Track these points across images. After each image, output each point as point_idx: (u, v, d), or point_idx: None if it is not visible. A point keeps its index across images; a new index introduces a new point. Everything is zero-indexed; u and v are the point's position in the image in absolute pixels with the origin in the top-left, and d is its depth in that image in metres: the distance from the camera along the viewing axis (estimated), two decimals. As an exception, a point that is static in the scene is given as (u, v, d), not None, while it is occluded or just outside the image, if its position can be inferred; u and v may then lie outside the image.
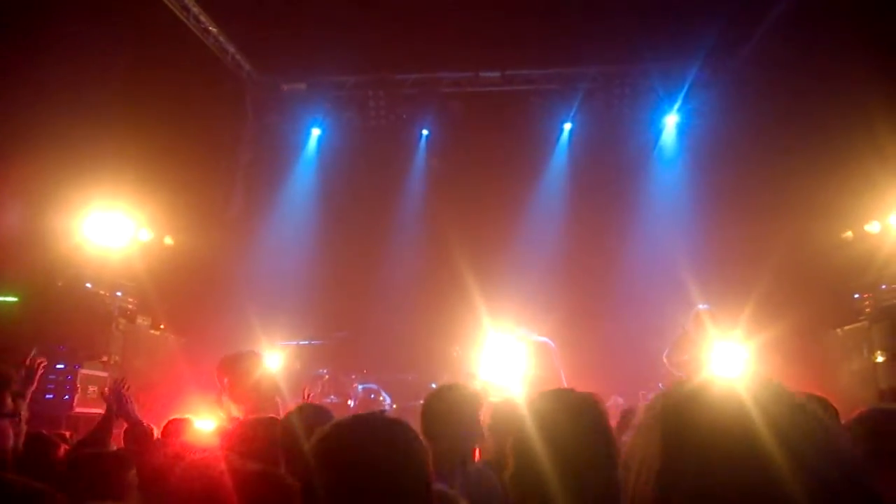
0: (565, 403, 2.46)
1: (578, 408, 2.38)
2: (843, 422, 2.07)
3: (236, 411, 5.60)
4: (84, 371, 7.72)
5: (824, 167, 8.77)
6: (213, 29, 10.96)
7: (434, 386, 10.40)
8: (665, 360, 8.86)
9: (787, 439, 0.83)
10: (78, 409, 7.58)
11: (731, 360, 7.21)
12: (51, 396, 7.36)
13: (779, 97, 10.15)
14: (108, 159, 8.15)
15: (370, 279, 11.69)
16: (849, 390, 8.20)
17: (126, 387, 4.99)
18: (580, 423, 2.20)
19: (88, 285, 8.46)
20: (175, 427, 4.61)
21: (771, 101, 10.34)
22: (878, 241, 8.84)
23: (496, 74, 12.00)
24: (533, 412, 2.56)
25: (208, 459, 2.34)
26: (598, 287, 11.18)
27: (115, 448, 4.28)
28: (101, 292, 8.59)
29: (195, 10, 10.38)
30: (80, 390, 7.56)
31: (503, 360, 8.39)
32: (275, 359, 8.69)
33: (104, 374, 8.03)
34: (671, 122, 12.07)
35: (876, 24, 8.05)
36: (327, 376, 10.02)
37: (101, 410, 7.76)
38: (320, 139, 12.86)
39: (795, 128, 9.62)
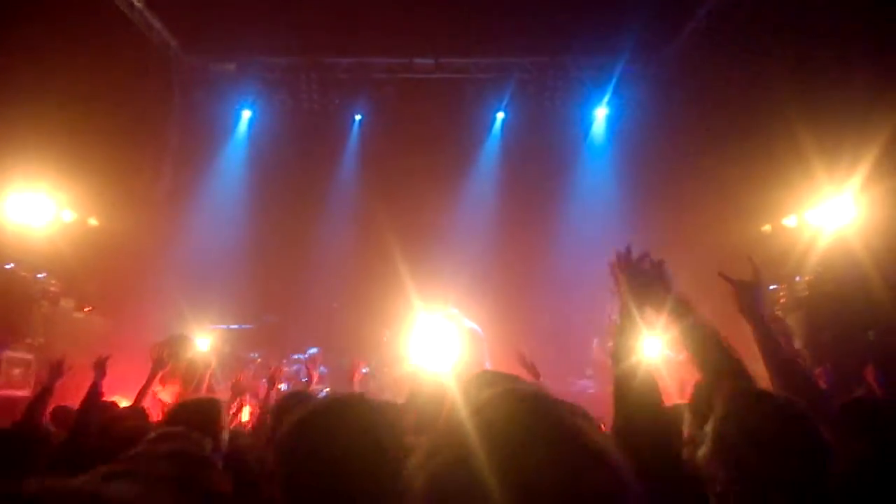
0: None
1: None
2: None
3: (167, 395, 5.60)
4: (8, 353, 7.48)
5: (745, 162, 9.10)
6: (137, 3, 10.62)
7: (365, 371, 10.56)
8: (594, 347, 9.25)
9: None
10: (2, 392, 7.34)
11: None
12: (-28, 379, 7.10)
13: (704, 93, 10.54)
14: (27, 138, 7.82)
15: (301, 263, 11.64)
16: (767, 377, 8.65)
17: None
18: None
19: (9, 266, 8.15)
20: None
21: (696, 96, 10.74)
22: (795, 235, 9.16)
23: (430, 61, 12.08)
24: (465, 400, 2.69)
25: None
26: (528, 274, 11.44)
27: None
28: (23, 274, 8.29)
29: (120, -18, 10.04)
30: (4, 372, 7.32)
31: (433, 343, 8.55)
32: (204, 343, 8.60)
33: (29, 357, 7.79)
34: (601, 114, 12.46)
35: (795, 26, 8.45)
36: (259, 360, 9.97)
37: (26, 393, 7.56)
38: (251, 121, 12.67)
39: (718, 123, 9.98)
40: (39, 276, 8.50)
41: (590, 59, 11.78)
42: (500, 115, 12.58)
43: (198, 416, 3.24)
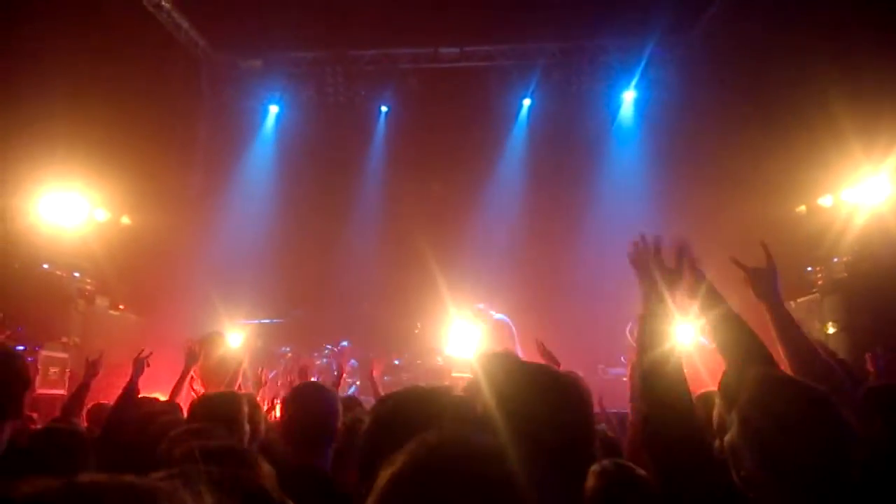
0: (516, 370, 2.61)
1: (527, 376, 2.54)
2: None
3: (201, 391, 5.67)
4: (45, 352, 7.65)
5: (779, 142, 8.90)
6: (165, 4, 10.73)
7: (397, 362, 10.59)
8: (628, 335, 9.12)
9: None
10: (39, 391, 7.51)
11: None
12: (11, 379, 7.26)
13: (734, 72, 10.29)
14: (60, 138, 7.96)
15: (331, 257, 11.68)
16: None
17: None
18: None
19: (45, 266, 8.33)
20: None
21: (727, 76, 10.48)
22: (831, 215, 8.97)
23: (455, 50, 12.00)
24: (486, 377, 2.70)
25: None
26: (558, 263, 11.33)
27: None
28: (59, 273, 8.46)
29: (147, -16, 10.16)
30: (41, 371, 7.49)
31: (465, 336, 8.53)
32: (236, 338, 8.70)
33: (65, 356, 7.96)
34: (629, 97, 12.23)
35: (827, 4, 8.20)
36: (290, 354, 10.05)
37: (62, 391, 7.74)
38: (278, 116, 12.75)
39: (750, 103, 9.74)
40: (75, 275, 8.67)
41: (616, 43, 11.57)
42: (527, 102, 12.44)
43: (221, 410, 3.25)
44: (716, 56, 10.89)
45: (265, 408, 6.70)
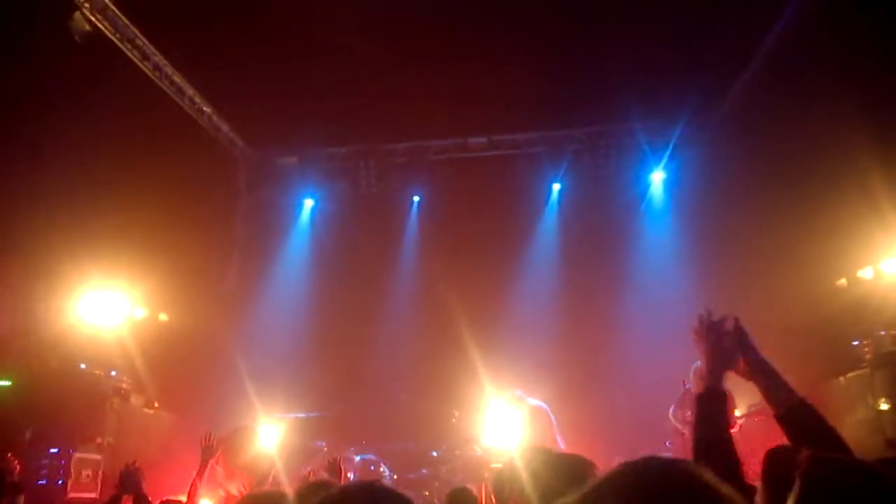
0: (558, 465, 2.52)
1: (570, 469, 2.44)
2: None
3: (233, 489, 5.52)
4: (78, 455, 7.62)
5: (814, 215, 8.76)
6: (206, 109, 11.26)
7: (435, 454, 10.31)
8: (671, 417, 8.76)
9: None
10: (72, 495, 7.44)
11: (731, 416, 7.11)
12: (43, 482, 7.24)
13: (764, 148, 10.25)
14: (102, 238, 8.23)
15: (366, 348, 11.63)
16: (855, 440, 7.97)
17: (134, 463, 5.09)
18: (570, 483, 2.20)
19: (83, 366, 8.42)
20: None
21: (757, 152, 10.44)
22: (872, 287, 8.72)
23: (483, 140, 12.26)
24: (529, 473, 2.60)
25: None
26: (595, 346, 11.10)
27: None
28: (96, 372, 8.54)
29: (190, 91, 10.69)
30: (73, 475, 7.44)
31: (504, 424, 8.30)
32: (272, 432, 8.59)
33: (98, 458, 7.92)
34: (658, 178, 12.26)
35: (858, 71, 8.18)
36: (325, 449, 9.86)
37: (94, 495, 7.65)
38: (313, 210, 13.04)
39: (782, 177, 9.66)
40: (112, 373, 8.74)
41: (643, 125, 11.68)
42: (557, 187, 12.54)
43: None
44: (745, 132, 10.89)
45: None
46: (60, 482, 7.36)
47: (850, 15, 8.01)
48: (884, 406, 7.83)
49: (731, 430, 2.23)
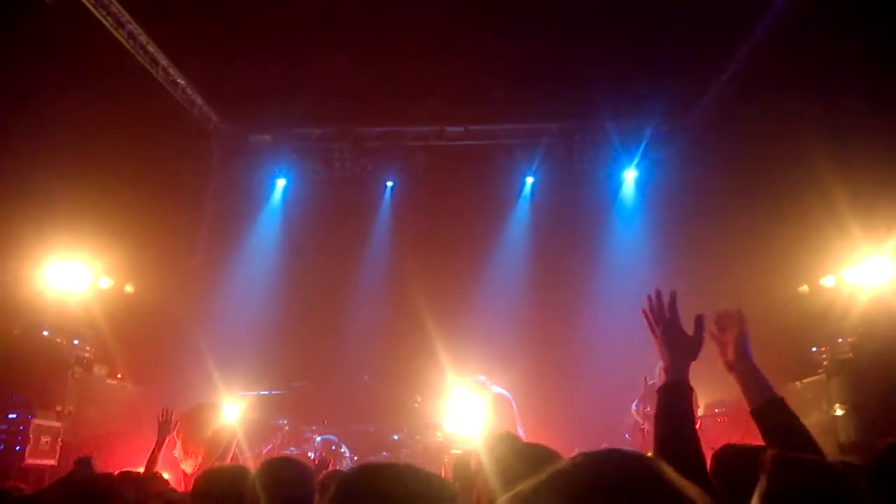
0: (523, 452, 2.53)
1: (534, 457, 2.43)
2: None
3: (189, 466, 5.53)
4: (37, 421, 7.54)
5: (779, 222, 8.98)
6: (181, 81, 11.10)
7: (396, 438, 10.42)
8: (633, 411, 8.95)
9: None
10: (29, 461, 7.37)
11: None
12: (1, 447, 7.16)
13: (734, 153, 10.47)
14: (71, 206, 8.11)
15: (332, 329, 11.64)
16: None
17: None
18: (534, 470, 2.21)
19: (45, 333, 8.31)
20: (127, 479, 4.57)
21: (726, 156, 10.66)
22: (833, 296, 8.96)
23: (460, 129, 12.29)
24: (494, 460, 2.61)
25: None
26: (560, 338, 11.26)
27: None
28: (59, 340, 8.43)
29: (164, 62, 10.53)
30: (32, 441, 7.37)
31: (466, 411, 8.40)
32: (233, 409, 8.59)
33: (58, 425, 7.84)
34: (630, 176, 12.45)
35: (824, 85, 8.41)
36: (287, 427, 9.89)
37: (52, 462, 7.59)
38: (285, 189, 12.97)
39: (750, 183, 9.88)
40: (74, 342, 8.64)
41: (617, 123, 11.83)
42: (530, 180, 12.66)
43: (227, 486, 3.16)
44: (715, 137, 11.14)
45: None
46: (18, 448, 7.28)
47: (823, 33, 8.24)
48: (839, 411, 8.06)
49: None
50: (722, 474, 2.46)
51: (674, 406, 2.12)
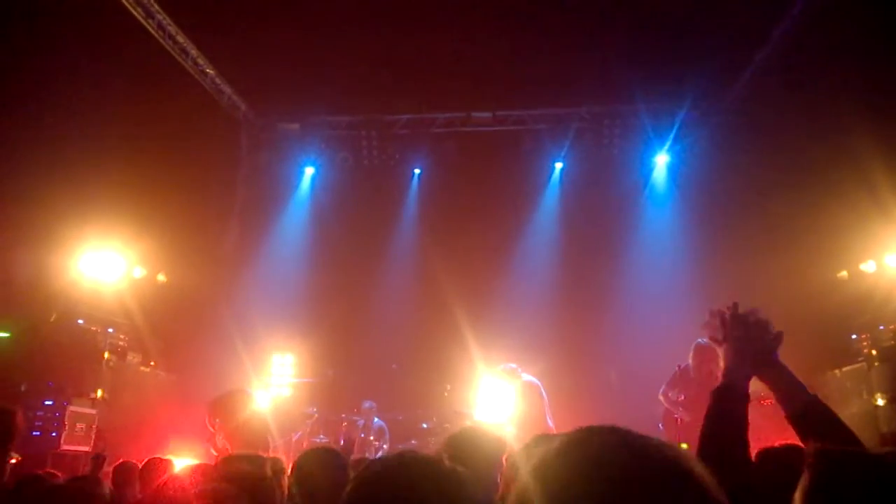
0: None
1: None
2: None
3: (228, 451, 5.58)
4: (72, 408, 7.68)
5: (817, 206, 8.73)
6: (210, 71, 11.16)
7: (425, 426, 10.41)
8: (661, 397, 8.82)
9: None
10: (65, 447, 7.51)
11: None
12: (37, 433, 7.30)
13: (768, 137, 10.23)
14: (104, 197, 8.22)
15: (361, 318, 11.66)
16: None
17: None
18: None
19: (80, 321, 8.46)
20: (154, 466, 4.62)
21: (761, 140, 10.42)
22: (874, 281, 8.72)
23: (487, 115, 12.18)
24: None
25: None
26: (590, 325, 11.13)
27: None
28: (93, 328, 8.58)
29: (193, 52, 10.59)
30: (67, 427, 7.51)
31: (496, 399, 8.35)
32: (265, 397, 8.67)
33: (92, 412, 7.98)
34: (661, 161, 12.20)
35: (863, 64, 8.14)
36: (317, 415, 9.95)
37: (87, 448, 7.74)
38: (314, 178, 13.00)
39: (786, 167, 9.62)
40: (109, 330, 8.79)
41: (648, 107, 11.61)
42: (559, 165, 12.49)
43: (244, 473, 3.18)
44: (749, 120, 10.86)
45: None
46: (54, 434, 7.43)
47: (861, 10, 7.95)
48: (880, 401, 7.88)
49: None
50: (764, 477, 2.38)
51: (726, 410, 2.04)
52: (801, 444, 2.08)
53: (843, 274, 9.25)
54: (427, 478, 1.55)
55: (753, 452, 2.57)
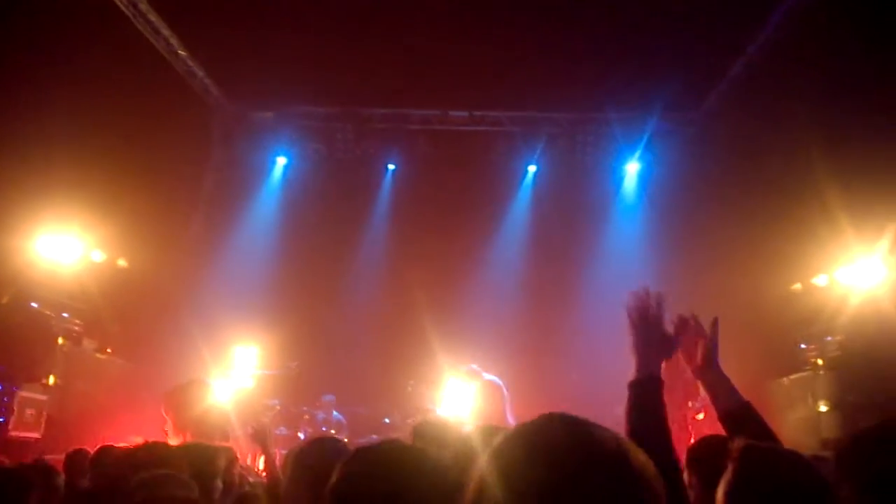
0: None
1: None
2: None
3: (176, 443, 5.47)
4: (22, 393, 7.46)
5: (776, 220, 9.03)
6: (182, 52, 10.95)
7: (387, 421, 10.39)
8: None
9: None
10: (13, 433, 7.30)
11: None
12: (-15, 419, 7.10)
13: (733, 150, 10.52)
14: (64, 177, 7.97)
15: (327, 311, 11.59)
16: (793, 438, 8.33)
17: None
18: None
19: (34, 305, 8.22)
20: (107, 454, 4.53)
21: (726, 153, 10.72)
22: (825, 294, 9.01)
23: (464, 114, 12.18)
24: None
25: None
26: (555, 329, 11.25)
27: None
28: (47, 312, 8.35)
29: (166, 32, 10.37)
30: (16, 413, 7.30)
31: (458, 396, 8.38)
32: (224, 389, 8.54)
33: (43, 398, 7.77)
34: (632, 169, 12.37)
35: (824, 87, 8.42)
36: (278, 407, 9.85)
37: (37, 435, 7.54)
38: (286, 168, 12.86)
39: (748, 181, 9.93)
40: (63, 315, 8.56)
41: (621, 115, 11.73)
42: (532, 168, 12.57)
43: (194, 461, 3.17)
44: (716, 135, 11.21)
45: (249, 461, 6.45)
46: (2, 420, 7.22)
47: (828, 32, 8.22)
48: (823, 408, 8.23)
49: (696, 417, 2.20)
50: (696, 466, 2.61)
51: (646, 401, 2.06)
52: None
53: (797, 286, 9.55)
54: (413, 463, 1.63)
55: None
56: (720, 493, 1.73)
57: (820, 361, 8.71)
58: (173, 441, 5.67)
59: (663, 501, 1.01)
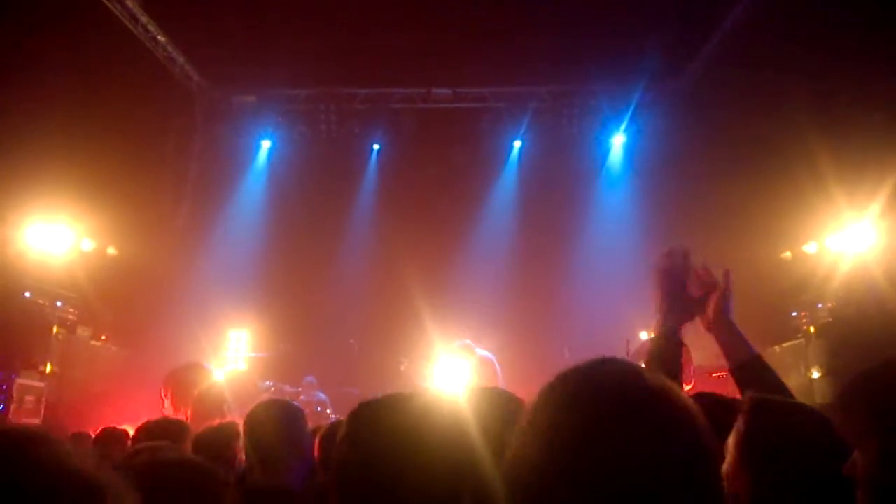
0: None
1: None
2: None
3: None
4: (20, 381, 7.52)
5: (765, 188, 9.01)
6: (161, 38, 10.86)
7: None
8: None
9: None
10: (14, 419, 7.35)
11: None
12: (-16, 406, 7.16)
13: (720, 119, 10.45)
14: (51, 168, 7.94)
15: (318, 291, 11.63)
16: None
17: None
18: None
19: (27, 294, 8.24)
20: (110, 436, 4.61)
21: (713, 122, 10.65)
22: (816, 262, 9.10)
23: (448, 91, 12.17)
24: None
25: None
26: (546, 302, 11.34)
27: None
28: (41, 301, 8.37)
29: (144, 18, 10.27)
30: (16, 400, 7.36)
31: (451, 375, 8.46)
32: (219, 371, 8.60)
33: (41, 385, 7.83)
34: (618, 141, 12.41)
35: (815, 50, 8.41)
36: (273, 389, 9.93)
37: (37, 421, 7.59)
38: (270, 151, 12.82)
39: (736, 150, 9.91)
40: (57, 304, 8.59)
41: (606, 88, 11.76)
42: (518, 144, 12.60)
43: (215, 442, 3.24)
44: (703, 104, 11.10)
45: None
46: (2, 407, 7.28)
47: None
48: (815, 374, 8.32)
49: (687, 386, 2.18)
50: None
51: (667, 353, 2.12)
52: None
53: (787, 254, 9.62)
54: (429, 409, 1.51)
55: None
56: (731, 445, 1.71)
57: (812, 329, 8.79)
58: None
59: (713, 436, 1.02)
